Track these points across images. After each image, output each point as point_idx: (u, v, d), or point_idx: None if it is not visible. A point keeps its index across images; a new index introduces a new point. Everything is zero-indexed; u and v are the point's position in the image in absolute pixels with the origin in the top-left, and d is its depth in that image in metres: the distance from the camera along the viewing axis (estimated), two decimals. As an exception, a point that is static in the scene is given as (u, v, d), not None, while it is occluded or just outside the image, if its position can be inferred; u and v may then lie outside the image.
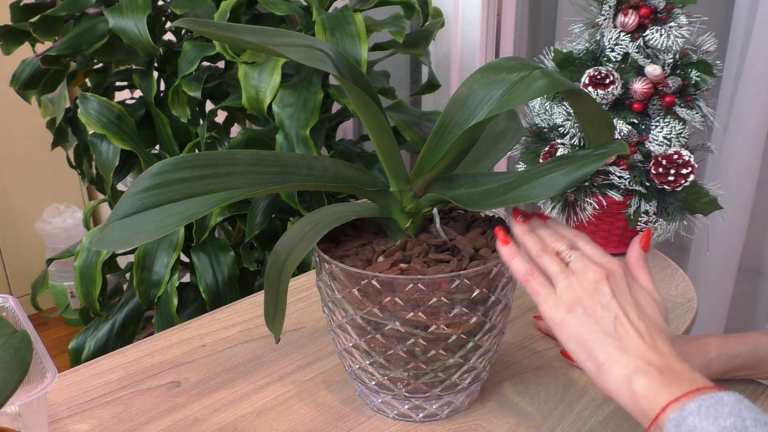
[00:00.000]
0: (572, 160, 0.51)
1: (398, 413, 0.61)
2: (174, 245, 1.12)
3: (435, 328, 0.54)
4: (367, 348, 0.56)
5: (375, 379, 0.58)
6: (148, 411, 0.63)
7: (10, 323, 0.40)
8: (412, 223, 0.57)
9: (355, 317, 0.55)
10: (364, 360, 0.57)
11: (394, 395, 0.59)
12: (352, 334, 0.57)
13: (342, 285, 0.55)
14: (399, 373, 0.56)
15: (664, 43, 0.85)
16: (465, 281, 0.53)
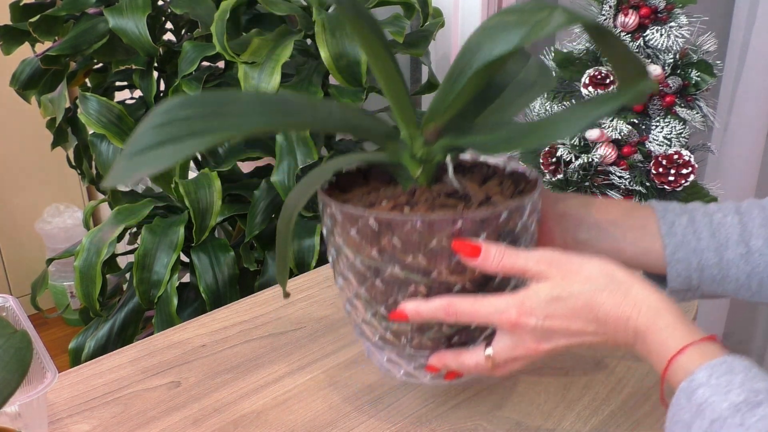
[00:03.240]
0: (593, 99, 0.49)
1: (405, 373, 0.57)
2: (174, 245, 1.12)
3: (437, 275, 0.50)
4: (368, 296, 0.53)
5: (378, 333, 0.55)
6: (148, 411, 0.63)
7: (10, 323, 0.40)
8: (423, 172, 0.54)
9: (354, 262, 0.52)
10: (367, 312, 0.55)
11: (399, 352, 0.56)
12: (353, 282, 0.54)
13: (342, 228, 0.52)
14: (402, 325, 0.53)
15: (665, 43, 0.85)
16: (469, 224, 0.49)
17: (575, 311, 0.48)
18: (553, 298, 0.48)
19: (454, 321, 0.49)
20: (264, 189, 1.20)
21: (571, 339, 0.49)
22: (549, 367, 0.68)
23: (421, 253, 0.49)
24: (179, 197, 1.15)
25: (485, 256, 0.48)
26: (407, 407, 0.63)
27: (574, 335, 0.48)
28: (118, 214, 1.16)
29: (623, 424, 0.60)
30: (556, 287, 0.48)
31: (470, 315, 0.49)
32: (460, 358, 0.53)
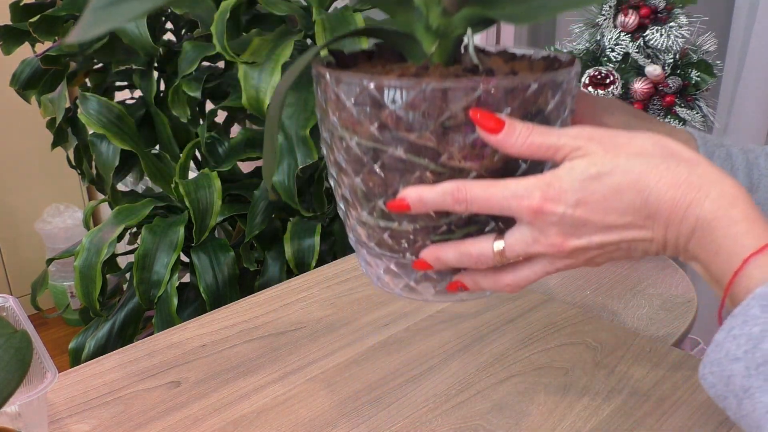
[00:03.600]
0: None
1: (405, 287, 0.49)
2: (174, 245, 1.12)
3: (448, 158, 0.41)
4: (366, 188, 0.45)
5: (375, 237, 0.47)
6: (148, 411, 0.63)
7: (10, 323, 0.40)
8: (439, 47, 0.46)
9: (350, 146, 0.44)
10: (363, 209, 0.47)
11: (398, 260, 0.48)
12: (349, 172, 0.46)
13: (337, 104, 0.44)
14: (403, 224, 0.45)
15: (665, 43, 0.85)
16: (491, 95, 0.40)
17: (619, 193, 0.38)
18: (591, 177, 0.38)
19: (464, 209, 0.40)
20: (264, 189, 1.20)
21: (606, 234, 0.39)
22: (549, 367, 0.68)
23: (430, 129, 0.41)
24: (179, 197, 1.15)
25: (509, 131, 0.39)
26: (407, 407, 0.63)
27: (612, 229, 0.39)
28: (118, 214, 1.16)
29: (623, 424, 0.60)
30: (596, 163, 0.38)
31: (483, 201, 0.40)
32: (461, 247, 0.43)
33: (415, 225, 0.45)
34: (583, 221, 0.39)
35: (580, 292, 0.90)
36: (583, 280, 0.95)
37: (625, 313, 0.86)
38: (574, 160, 0.39)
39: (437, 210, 0.42)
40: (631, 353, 0.69)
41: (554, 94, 0.42)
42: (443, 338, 0.73)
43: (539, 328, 0.75)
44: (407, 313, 0.77)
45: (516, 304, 0.79)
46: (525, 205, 0.39)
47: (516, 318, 0.77)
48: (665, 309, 0.86)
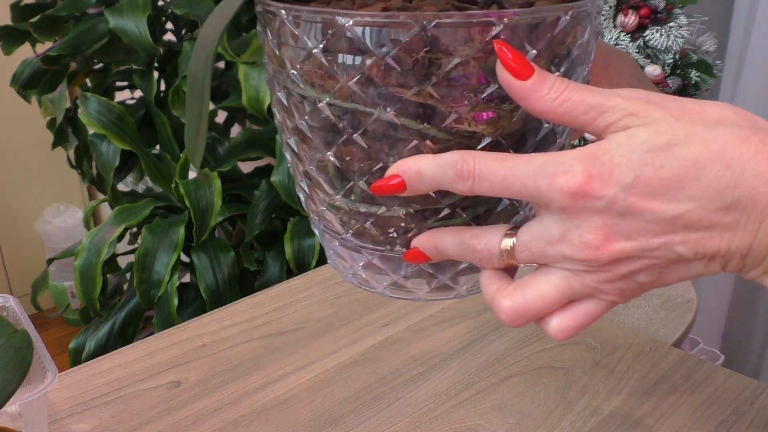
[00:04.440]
0: None
1: (391, 285, 0.39)
2: (174, 245, 1.12)
3: (455, 120, 0.31)
4: (341, 164, 0.34)
5: (353, 225, 0.36)
6: (148, 411, 0.63)
7: (10, 323, 0.40)
8: None
9: (318, 109, 0.33)
10: (336, 191, 0.35)
11: (383, 254, 0.37)
12: (316, 144, 0.35)
13: (297, 51, 0.33)
14: (392, 208, 0.34)
15: (664, 43, 0.85)
16: (512, 33, 0.30)
17: (697, 169, 0.27)
18: (658, 148, 0.27)
19: (468, 189, 0.30)
20: (264, 189, 1.21)
21: (667, 235, 0.28)
22: (549, 367, 0.68)
23: (432, 83, 0.31)
24: (179, 197, 1.15)
25: (540, 80, 0.29)
26: (407, 407, 0.63)
27: (677, 225, 0.28)
28: (118, 214, 1.16)
29: (623, 424, 0.60)
30: (665, 131, 0.28)
31: (498, 178, 0.29)
32: (464, 236, 0.33)
33: (409, 209, 0.34)
34: (638, 211, 0.28)
35: (580, 292, 0.90)
36: (583, 280, 0.95)
37: (625, 313, 0.86)
38: (631, 129, 0.28)
39: (435, 189, 0.32)
40: (631, 353, 0.69)
41: (583, 31, 0.33)
42: (443, 338, 0.73)
43: (539, 328, 0.74)
44: (407, 313, 0.77)
45: (516, 304, 0.79)
46: (560, 184, 0.28)
47: (516, 318, 0.77)
48: (665, 309, 0.86)
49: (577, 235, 0.29)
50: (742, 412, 0.60)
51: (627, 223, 0.28)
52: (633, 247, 0.29)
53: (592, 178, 0.28)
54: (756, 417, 0.60)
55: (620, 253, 0.29)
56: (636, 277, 0.30)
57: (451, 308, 0.78)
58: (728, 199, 0.27)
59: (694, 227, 0.28)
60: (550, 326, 0.32)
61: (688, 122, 0.28)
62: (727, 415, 0.60)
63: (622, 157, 0.28)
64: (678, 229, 0.28)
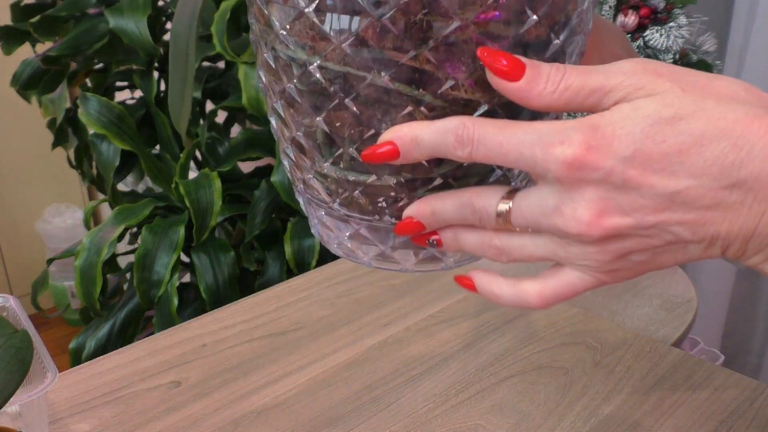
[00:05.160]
0: None
1: (378, 255, 0.37)
2: (174, 245, 1.12)
3: (452, 87, 0.31)
4: (330, 129, 0.33)
5: (340, 194, 0.35)
6: (148, 411, 0.63)
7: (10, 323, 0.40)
8: None
9: (309, 72, 0.32)
10: (324, 158, 0.34)
11: (371, 224, 0.36)
12: (304, 108, 0.33)
13: (284, 12, 0.32)
14: (383, 177, 0.33)
15: (664, 44, 0.85)
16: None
17: (701, 145, 0.26)
18: (663, 120, 0.26)
19: (467, 155, 0.29)
20: (264, 189, 1.21)
21: (665, 212, 0.27)
22: (549, 367, 0.68)
23: (429, 47, 0.30)
24: (179, 197, 1.15)
25: (534, 76, 0.28)
26: (407, 407, 0.63)
27: (676, 201, 0.27)
28: (118, 214, 1.16)
29: (623, 424, 0.60)
30: (672, 103, 0.26)
31: (496, 145, 0.28)
32: (464, 197, 0.31)
33: (400, 177, 0.33)
34: (635, 185, 0.27)
35: (580, 292, 0.90)
36: (583, 280, 0.95)
37: (625, 313, 0.86)
38: (637, 101, 0.27)
39: (431, 157, 0.30)
40: (631, 353, 0.69)
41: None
42: (443, 338, 0.73)
43: (539, 328, 0.75)
44: (407, 313, 0.77)
45: (516, 304, 0.79)
46: (557, 154, 0.27)
47: (516, 318, 0.77)
48: (665, 309, 0.86)
49: (570, 208, 0.28)
50: (742, 412, 0.60)
51: (623, 198, 0.27)
52: (628, 223, 0.28)
53: (590, 149, 0.27)
54: (756, 417, 0.60)
55: (614, 229, 0.28)
56: (630, 257, 0.29)
57: (451, 308, 0.78)
58: (733, 177, 0.26)
59: (694, 205, 0.27)
60: (528, 292, 0.31)
61: (698, 96, 0.27)
62: (727, 415, 0.60)
63: (624, 129, 0.27)
64: (677, 207, 0.27)
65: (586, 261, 0.29)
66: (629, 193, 0.27)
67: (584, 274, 0.30)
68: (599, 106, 0.28)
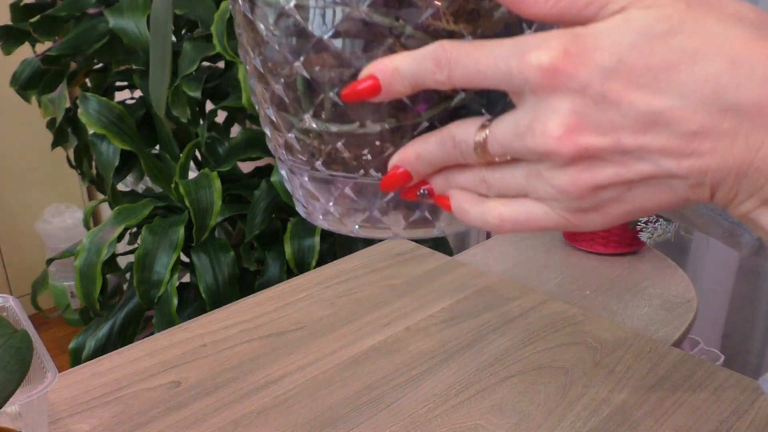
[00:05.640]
0: None
1: (367, 220, 0.36)
2: (174, 245, 1.12)
3: (433, 16, 0.29)
4: (310, 75, 0.31)
5: (324, 151, 0.34)
6: (148, 411, 0.63)
7: (10, 323, 0.40)
8: None
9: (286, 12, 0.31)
10: (304, 111, 0.33)
11: (356, 183, 0.34)
12: (283, 56, 0.32)
13: None
14: (366, 124, 0.32)
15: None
16: None
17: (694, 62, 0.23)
18: (654, 35, 0.24)
19: (446, 78, 0.27)
20: (264, 189, 1.21)
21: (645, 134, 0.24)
22: (549, 367, 0.68)
23: None
24: (179, 197, 1.15)
25: None
26: (407, 407, 0.63)
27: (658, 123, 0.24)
28: (118, 214, 1.16)
29: (623, 424, 0.60)
30: (669, 17, 0.24)
31: (472, 62, 0.26)
32: (444, 132, 0.30)
33: (384, 125, 0.31)
34: (615, 100, 0.24)
35: (580, 292, 0.90)
36: (584, 280, 0.95)
37: (625, 313, 0.86)
38: (629, 10, 0.24)
39: (413, 89, 0.29)
40: (631, 353, 0.69)
41: None
42: (443, 338, 0.73)
43: (539, 328, 0.75)
44: (407, 313, 0.77)
45: (516, 304, 0.79)
46: (531, 60, 0.25)
47: (516, 318, 0.77)
48: (665, 309, 0.86)
49: (541, 123, 0.25)
50: (742, 412, 0.60)
51: (600, 115, 0.24)
52: (602, 144, 0.25)
53: (568, 55, 0.24)
54: (756, 417, 0.60)
55: (586, 149, 0.25)
56: (602, 193, 0.26)
57: (451, 308, 0.78)
58: (727, 101, 0.23)
59: (680, 129, 0.24)
60: (491, 212, 0.29)
61: (700, 13, 0.24)
62: (727, 415, 0.60)
63: (609, 39, 0.24)
64: (660, 130, 0.24)
65: (553, 192, 0.27)
66: (607, 110, 0.24)
67: (550, 209, 0.27)
68: (597, 17, 0.25)
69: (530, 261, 1.00)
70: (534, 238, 1.08)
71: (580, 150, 0.25)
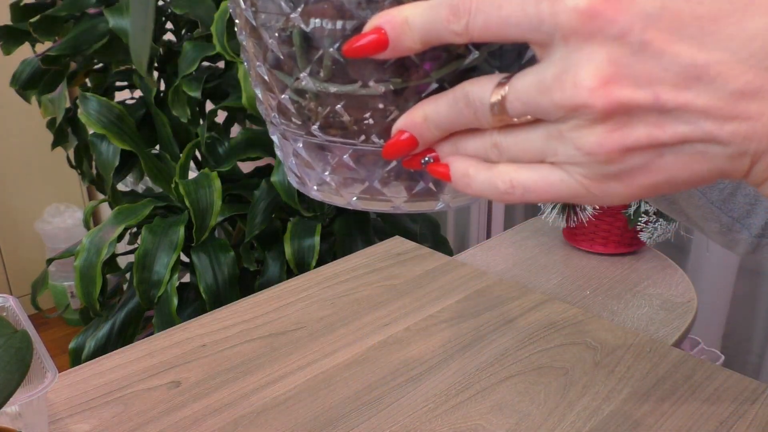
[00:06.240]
0: None
1: (366, 191, 0.32)
2: (174, 245, 1.12)
3: None
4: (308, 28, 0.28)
5: (321, 114, 0.30)
6: (148, 411, 0.63)
7: (10, 323, 0.40)
8: None
9: None
10: (300, 69, 0.29)
11: (356, 149, 0.30)
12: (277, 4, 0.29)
13: None
14: (369, 84, 0.28)
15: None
16: None
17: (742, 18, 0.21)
18: None
19: (463, 29, 0.24)
20: (264, 189, 1.21)
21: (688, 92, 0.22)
22: (549, 367, 0.68)
23: None
24: (179, 197, 1.15)
25: None
26: (407, 407, 0.63)
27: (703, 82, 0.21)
28: (118, 214, 1.16)
29: (623, 424, 0.60)
30: None
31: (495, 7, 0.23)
32: (457, 91, 0.27)
33: (389, 85, 0.28)
34: (656, 51, 0.21)
35: (580, 292, 0.90)
36: (583, 280, 0.95)
37: (625, 313, 0.86)
38: None
39: (424, 44, 0.26)
40: (631, 353, 0.69)
41: None
42: (443, 338, 0.73)
43: (539, 328, 0.75)
44: (407, 313, 0.77)
45: (516, 304, 0.79)
46: (567, 5, 0.22)
47: (516, 318, 0.77)
48: (665, 309, 0.86)
49: (572, 74, 0.22)
50: (742, 412, 0.60)
51: (639, 65, 0.22)
52: (639, 98, 0.22)
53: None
54: (756, 417, 0.60)
55: (621, 103, 0.22)
56: (631, 157, 0.23)
57: (451, 308, 0.78)
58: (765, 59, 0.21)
59: (726, 88, 0.21)
60: (501, 176, 0.26)
61: None
62: (727, 415, 0.60)
63: None
64: (703, 87, 0.21)
65: (577, 154, 0.24)
66: (647, 61, 0.22)
67: (569, 175, 0.25)
68: None
69: (530, 261, 1.00)
70: (534, 237, 1.08)
71: (614, 104, 0.22)
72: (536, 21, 0.23)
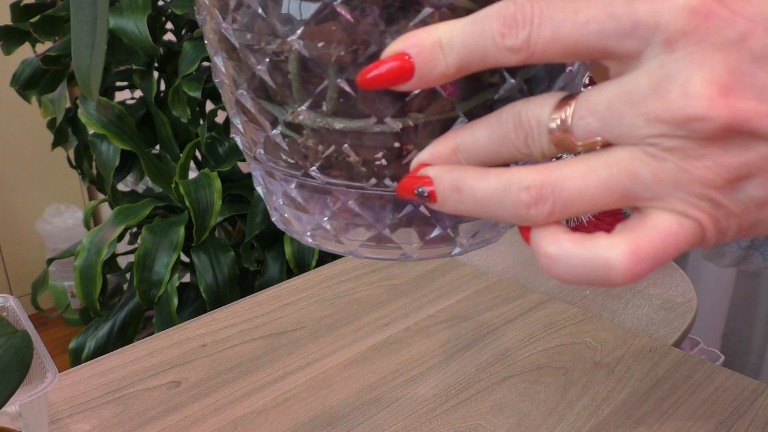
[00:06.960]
0: None
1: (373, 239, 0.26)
2: (174, 245, 1.12)
3: None
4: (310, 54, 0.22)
5: (320, 154, 0.24)
6: (148, 411, 0.63)
7: (10, 323, 0.40)
8: None
9: None
10: (299, 100, 0.24)
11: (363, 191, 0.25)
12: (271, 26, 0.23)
13: None
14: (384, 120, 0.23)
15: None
16: None
17: None
18: None
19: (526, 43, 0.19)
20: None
21: None
22: (549, 367, 0.68)
23: None
24: (179, 197, 1.15)
25: None
26: (407, 407, 0.63)
27: None
28: (118, 214, 1.16)
29: (623, 424, 0.60)
30: None
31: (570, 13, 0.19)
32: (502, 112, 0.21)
33: (407, 120, 0.23)
34: None
35: (580, 292, 0.90)
36: (583, 280, 0.95)
37: (625, 313, 0.86)
38: None
39: (463, 69, 0.20)
40: (631, 353, 0.69)
41: None
42: (443, 338, 0.73)
43: (539, 328, 0.75)
44: (407, 313, 0.77)
45: (516, 304, 0.79)
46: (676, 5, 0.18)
47: (516, 318, 0.77)
48: (665, 309, 0.86)
49: (680, 82, 0.18)
50: (742, 412, 0.60)
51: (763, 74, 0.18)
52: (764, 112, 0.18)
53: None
54: (756, 417, 0.60)
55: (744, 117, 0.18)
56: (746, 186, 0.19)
57: (451, 308, 0.78)
58: None
59: None
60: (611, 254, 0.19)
61: None
62: (727, 415, 0.60)
63: None
64: None
65: (687, 184, 0.18)
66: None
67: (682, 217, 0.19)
68: None
69: (530, 261, 1.00)
70: (534, 238, 1.08)
71: (737, 117, 0.18)
72: (629, 24, 0.18)
